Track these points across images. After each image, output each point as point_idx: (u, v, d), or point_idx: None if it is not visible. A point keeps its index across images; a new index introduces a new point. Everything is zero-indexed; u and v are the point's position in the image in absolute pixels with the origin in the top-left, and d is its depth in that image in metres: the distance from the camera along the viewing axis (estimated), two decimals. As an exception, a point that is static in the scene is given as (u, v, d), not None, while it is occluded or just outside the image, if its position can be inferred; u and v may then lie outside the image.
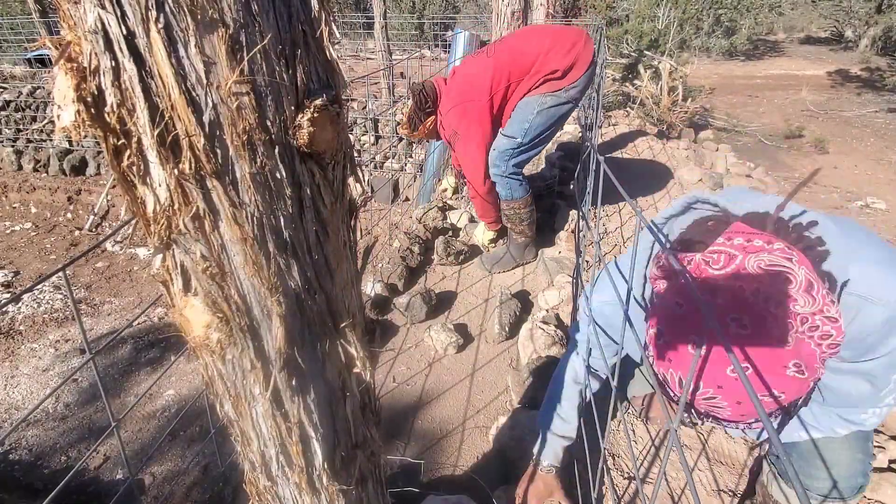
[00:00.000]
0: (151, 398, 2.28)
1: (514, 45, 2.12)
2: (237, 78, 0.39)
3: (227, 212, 0.44)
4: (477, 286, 2.40)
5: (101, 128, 0.39)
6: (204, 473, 1.81)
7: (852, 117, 6.67)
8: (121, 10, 0.35)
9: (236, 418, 0.59)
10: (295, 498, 0.66)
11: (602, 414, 1.03)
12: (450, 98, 2.16)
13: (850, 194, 4.10)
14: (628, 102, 5.75)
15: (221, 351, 0.52)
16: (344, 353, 0.61)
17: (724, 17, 9.75)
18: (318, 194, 0.50)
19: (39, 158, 5.82)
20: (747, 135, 6.06)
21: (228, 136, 0.41)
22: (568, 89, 2.06)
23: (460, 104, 2.11)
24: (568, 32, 2.09)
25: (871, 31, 10.58)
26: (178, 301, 0.49)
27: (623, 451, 1.55)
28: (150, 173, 0.42)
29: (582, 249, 1.68)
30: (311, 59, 0.45)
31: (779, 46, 12.32)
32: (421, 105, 2.24)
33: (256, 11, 0.39)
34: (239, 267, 0.47)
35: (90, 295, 3.69)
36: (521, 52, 2.08)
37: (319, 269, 0.53)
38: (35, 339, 3.02)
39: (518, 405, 1.68)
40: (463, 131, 2.15)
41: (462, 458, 1.56)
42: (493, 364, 1.92)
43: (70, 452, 2.05)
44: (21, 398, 2.47)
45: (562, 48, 2.02)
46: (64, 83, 0.37)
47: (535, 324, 1.91)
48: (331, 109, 0.46)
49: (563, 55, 2.02)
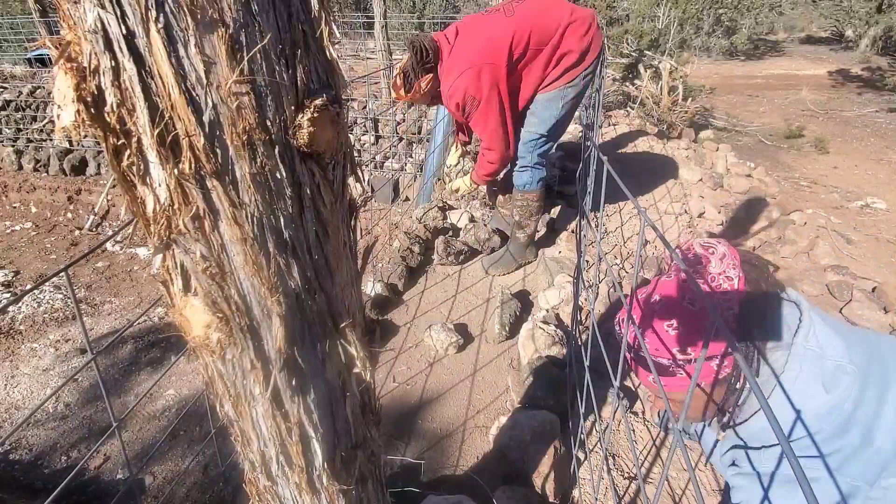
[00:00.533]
0: (152, 398, 2.28)
1: (535, 9, 1.93)
2: (237, 78, 0.39)
3: (227, 212, 0.44)
4: (477, 286, 2.40)
5: (101, 128, 0.39)
6: (204, 473, 1.81)
7: (852, 117, 6.66)
8: (120, 9, 0.35)
9: (236, 418, 0.59)
10: (295, 498, 0.66)
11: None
12: (460, 57, 1.90)
13: (851, 194, 4.10)
14: (628, 102, 5.75)
15: (221, 351, 0.52)
16: (344, 353, 0.61)
17: (724, 17, 9.75)
18: (318, 194, 0.50)
19: (39, 158, 5.82)
20: (747, 134, 6.06)
21: (228, 136, 0.41)
22: (584, 75, 2.02)
23: (475, 65, 1.86)
24: (584, 13, 1.99)
25: (871, 31, 10.57)
26: (178, 301, 0.49)
27: (623, 451, 1.55)
28: (150, 173, 0.42)
29: (582, 249, 1.68)
30: (311, 59, 0.45)
31: (779, 46, 12.32)
32: (420, 58, 1.94)
33: (256, 11, 0.39)
34: (239, 267, 0.47)
35: (90, 295, 3.69)
36: (543, 17, 1.91)
37: (319, 269, 0.53)
38: (35, 338, 3.02)
39: (518, 405, 1.67)
40: (484, 96, 1.91)
41: (462, 458, 1.56)
42: (494, 364, 1.92)
43: (70, 452, 2.05)
44: (21, 398, 2.47)
45: (581, 27, 1.93)
46: (64, 83, 0.37)
47: (536, 324, 1.91)
48: (331, 109, 0.46)
49: (582, 36, 1.94)
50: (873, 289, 2.39)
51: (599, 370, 1.71)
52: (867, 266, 2.65)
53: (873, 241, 3.03)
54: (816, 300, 2.39)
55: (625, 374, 1.76)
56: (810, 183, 4.45)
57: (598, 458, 1.47)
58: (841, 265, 2.58)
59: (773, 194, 3.40)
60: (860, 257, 2.74)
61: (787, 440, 0.30)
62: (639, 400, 1.73)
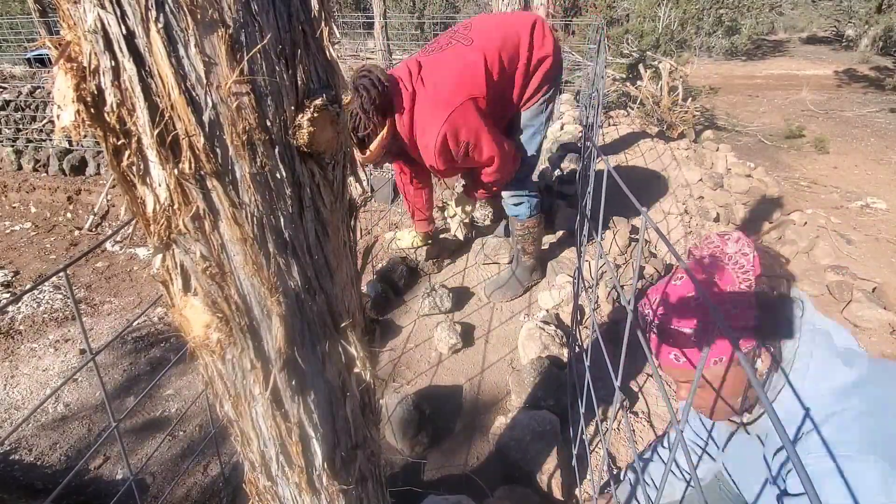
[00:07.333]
0: (152, 398, 2.28)
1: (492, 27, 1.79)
2: (237, 78, 0.39)
3: (227, 212, 0.44)
4: (479, 286, 2.40)
5: (101, 128, 0.39)
6: (204, 473, 1.81)
7: (852, 117, 6.66)
8: (120, 9, 0.35)
9: (236, 418, 0.59)
10: (295, 498, 0.66)
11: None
12: (437, 102, 1.67)
13: (851, 194, 4.10)
14: (629, 102, 5.75)
15: (221, 351, 0.52)
16: (344, 354, 0.61)
17: (724, 17, 9.76)
18: (318, 194, 0.50)
19: (39, 158, 5.81)
20: (747, 135, 6.06)
21: (228, 136, 0.41)
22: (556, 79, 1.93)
23: (458, 105, 1.66)
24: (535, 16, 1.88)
25: (871, 31, 10.57)
26: (178, 301, 0.49)
27: (624, 451, 1.55)
28: (149, 173, 0.42)
29: (582, 249, 1.68)
30: (311, 59, 0.45)
31: (780, 46, 12.32)
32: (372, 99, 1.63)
33: (256, 11, 0.39)
34: (239, 267, 0.47)
35: (90, 295, 3.69)
36: (504, 32, 1.77)
37: (319, 269, 0.53)
38: (35, 338, 3.02)
39: (518, 405, 1.67)
40: (475, 131, 1.71)
41: (462, 458, 1.56)
42: (494, 364, 1.92)
43: (70, 453, 2.05)
44: (21, 398, 2.47)
45: (540, 30, 1.83)
46: (64, 83, 0.37)
47: (536, 324, 1.91)
48: (331, 109, 0.46)
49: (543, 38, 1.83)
50: (873, 289, 2.39)
51: (600, 370, 1.71)
52: (867, 266, 2.66)
53: (873, 241, 3.03)
54: (816, 300, 2.39)
55: (625, 374, 1.76)
56: (810, 183, 4.45)
57: (598, 458, 1.48)
58: (841, 265, 2.58)
59: (773, 194, 3.40)
60: (860, 257, 2.74)
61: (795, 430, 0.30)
62: (639, 400, 1.73)
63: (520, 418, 1.57)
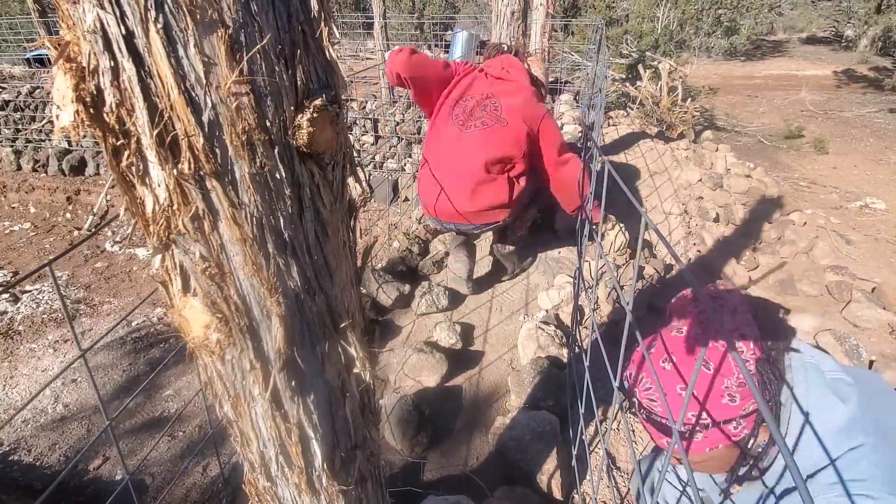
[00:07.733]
0: (151, 399, 2.28)
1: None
2: (237, 78, 0.39)
3: (227, 212, 0.44)
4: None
5: (100, 128, 0.39)
6: (203, 474, 1.80)
7: (852, 117, 6.67)
8: (120, 10, 0.35)
9: (235, 419, 0.59)
10: (294, 498, 0.66)
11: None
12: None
13: (850, 194, 4.10)
14: (628, 103, 5.75)
15: (221, 351, 0.51)
16: (344, 354, 0.61)
17: (723, 18, 9.77)
18: (318, 194, 0.50)
19: (38, 158, 5.81)
20: (747, 135, 6.06)
21: (228, 136, 0.41)
22: None
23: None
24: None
25: (870, 32, 10.59)
26: (178, 301, 0.49)
27: (623, 451, 1.55)
28: (149, 173, 0.42)
29: (582, 249, 1.68)
30: (310, 60, 0.45)
31: (780, 46, 12.33)
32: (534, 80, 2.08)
33: (256, 11, 0.39)
34: (238, 267, 0.47)
35: (89, 295, 3.68)
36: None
37: (319, 270, 0.53)
38: (34, 339, 3.01)
39: (518, 405, 1.67)
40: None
41: (462, 459, 1.56)
42: (494, 364, 1.92)
43: (69, 453, 2.04)
44: (20, 398, 2.47)
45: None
46: (63, 83, 0.37)
47: (535, 324, 1.91)
48: (330, 110, 0.46)
49: None
50: (873, 289, 2.39)
51: (599, 371, 1.71)
52: (867, 266, 2.66)
53: (873, 241, 3.03)
54: (816, 300, 2.39)
55: (625, 374, 1.76)
56: (810, 183, 4.46)
57: (598, 459, 1.47)
58: (840, 265, 2.58)
59: (773, 195, 3.40)
60: (859, 257, 2.74)
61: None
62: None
63: (519, 418, 1.57)
